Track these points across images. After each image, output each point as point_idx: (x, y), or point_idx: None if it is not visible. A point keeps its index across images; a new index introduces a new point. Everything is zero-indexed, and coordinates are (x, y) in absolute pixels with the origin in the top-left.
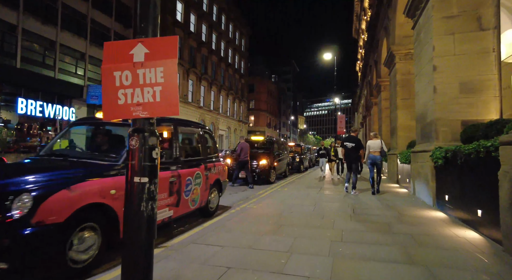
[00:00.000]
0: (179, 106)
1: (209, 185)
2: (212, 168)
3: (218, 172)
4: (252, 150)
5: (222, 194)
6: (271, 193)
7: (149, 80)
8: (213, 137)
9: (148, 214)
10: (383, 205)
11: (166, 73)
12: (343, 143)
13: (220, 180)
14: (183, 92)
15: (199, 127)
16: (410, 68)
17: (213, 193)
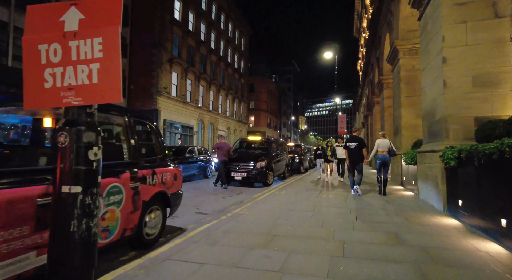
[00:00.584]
0: (121, 90)
1: (141, 203)
2: (148, 176)
3: (161, 182)
4: (249, 150)
5: (173, 211)
6: (268, 196)
7: (84, 56)
8: (155, 131)
9: (81, 235)
10: (388, 210)
11: (106, 46)
12: (346, 144)
13: (166, 193)
14: (181, 92)
15: (125, 114)
16: (415, 64)
17: (152, 213)
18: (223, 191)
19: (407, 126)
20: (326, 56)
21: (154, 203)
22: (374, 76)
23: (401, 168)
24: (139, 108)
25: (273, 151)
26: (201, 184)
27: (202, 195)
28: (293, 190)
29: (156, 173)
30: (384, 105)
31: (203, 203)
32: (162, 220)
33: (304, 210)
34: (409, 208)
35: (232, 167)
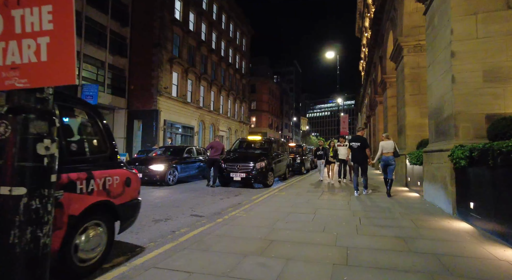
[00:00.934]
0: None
1: (65, 219)
2: (79, 182)
3: (103, 189)
4: (249, 151)
5: (126, 226)
6: (267, 198)
7: (31, 28)
8: (97, 120)
9: (25, 248)
10: (393, 213)
11: (57, 16)
12: (350, 144)
13: (111, 204)
14: (181, 92)
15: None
16: (420, 61)
17: (89, 231)
18: (221, 192)
19: (412, 125)
20: (328, 56)
21: (92, 217)
22: (377, 76)
23: (405, 168)
24: (139, 108)
25: (274, 151)
26: (199, 184)
27: (200, 196)
28: (293, 191)
29: (93, 177)
30: (387, 104)
31: (199, 205)
32: (106, 239)
33: (305, 213)
34: (416, 210)
35: (231, 167)
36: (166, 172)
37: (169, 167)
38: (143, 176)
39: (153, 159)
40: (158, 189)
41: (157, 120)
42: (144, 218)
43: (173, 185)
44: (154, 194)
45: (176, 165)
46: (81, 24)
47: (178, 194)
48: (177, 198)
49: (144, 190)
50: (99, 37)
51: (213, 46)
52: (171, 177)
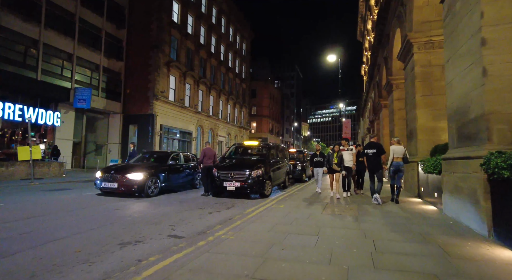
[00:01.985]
0: None
1: None
2: None
3: None
4: (244, 157)
5: None
6: (262, 212)
7: None
8: None
9: None
10: (414, 233)
11: None
12: (364, 151)
13: None
14: (179, 96)
15: None
16: (432, 58)
17: None
18: (212, 204)
19: (424, 129)
20: (330, 59)
21: None
22: (381, 78)
23: (417, 177)
24: (135, 113)
25: (272, 157)
26: (188, 195)
27: (186, 209)
28: (293, 203)
29: None
30: (393, 108)
31: (182, 221)
32: None
33: (306, 233)
34: (439, 229)
35: (224, 175)
36: (146, 181)
37: (150, 175)
38: (119, 186)
39: (131, 167)
40: (137, 201)
41: (153, 125)
42: (109, 240)
43: (155, 196)
44: (131, 208)
45: (158, 173)
46: (75, 26)
47: (160, 207)
48: (159, 212)
49: (120, 203)
50: (93, 40)
51: (212, 49)
52: (152, 187)
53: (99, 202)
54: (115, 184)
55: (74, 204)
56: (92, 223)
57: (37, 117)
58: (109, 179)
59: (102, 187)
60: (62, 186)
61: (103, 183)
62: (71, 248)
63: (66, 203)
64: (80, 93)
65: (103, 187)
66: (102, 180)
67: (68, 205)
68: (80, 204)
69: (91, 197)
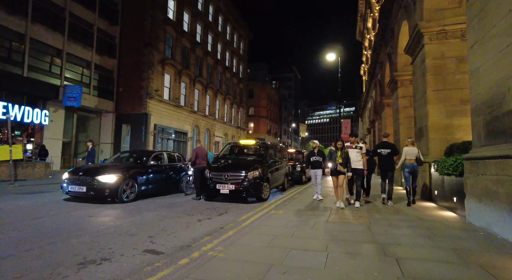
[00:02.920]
0: None
1: None
2: None
3: None
4: (240, 157)
5: None
6: (259, 220)
7: None
8: None
9: None
10: (445, 250)
11: None
12: (377, 150)
13: None
14: (174, 95)
15: None
16: (445, 50)
17: None
18: (202, 209)
19: (436, 127)
20: (329, 58)
21: None
22: (384, 76)
23: (429, 179)
24: (128, 112)
25: (270, 157)
26: (173, 199)
27: (171, 216)
28: (294, 208)
29: None
30: (398, 106)
31: (164, 232)
32: None
33: (312, 249)
34: (473, 244)
35: (217, 177)
36: (120, 185)
37: (125, 177)
38: (88, 189)
39: (103, 168)
40: (114, 207)
41: (147, 125)
42: (68, 258)
43: (132, 201)
44: (105, 215)
45: (136, 175)
46: (64, 21)
47: (141, 213)
48: (138, 220)
49: (94, 209)
50: (85, 36)
51: (209, 48)
52: (128, 191)
53: (72, 208)
54: (83, 187)
55: (43, 210)
56: (55, 235)
57: (23, 116)
58: (77, 182)
59: (69, 191)
60: (43, 188)
61: (70, 186)
62: (10, 272)
63: (35, 209)
64: (70, 91)
65: (69, 191)
66: (69, 183)
67: (36, 212)
68: (49, 211)
69: (64, 202)
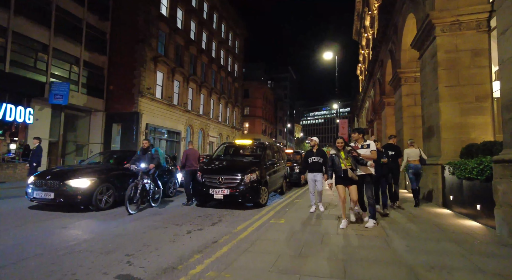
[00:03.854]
0: None
1: None
2: None
3: None
4: (236, 158)
5: None
6: (258, 231)
7: None
8: None
9: None
10: (492, 275)
11: None
12: (387, 152)
13: None
14: (167, 94)
15: None
16: (459, 42)
17: None
18: (193, 217)
19: (449, 126)
20: (326, 57)
21: None
22: (385, 74)
23: (442, 182)
24: (118, 110)
25: (268, 159)
26: (161, 205)
27: (156, 226)
28: (296, 216)
29: None
30: (401, 104)
31: (146, 248)
32: None
33: (328, 276)
34: None
35: (211, 181)
36: (95, 190)
37: (101, 181)
38: (56, 196)
39: (76, 171)
40: (87, 216)
41: (138, 124)
42: None
43: (110, 209)
44: (75, 227)
45: (114, 179)
46: (51, 15)
47: (120, 223)
48: (116, 232)
49: (61, 220)
50: (73, 31)
51: (203, 46)
52: (104, 197)
53: (40, 218)
54: (50, 193)
55: (5, 221)
56: (9, 255)
57: (5, 114)
58: (44, 187)
59: (34, 198)
60: (21, 191)
61: (36, 192)
62: None
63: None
64: (56, 88)
65: (35, 197)
66: (34, 188)
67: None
68: (12, 221)
69: (32, 212)
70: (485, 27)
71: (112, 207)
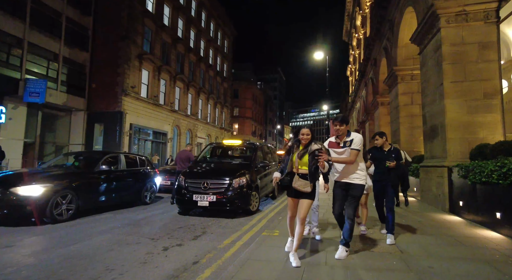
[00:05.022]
0: None
1: None
2: None
3: None
4: (223, 160)
5: None
6: (249, 249)
7: None
8: None
9: None
10: None
11: None
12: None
13: None
14: (152, 93)
15: None
16: (465, 35)
17: None
18: (173, 228)
19: (456, 125)
20: (317, 56)
21: None
22: (378, 73)
23: (448, 186)
24: (101, 110)
25: (260, 161)
26: (135, 214)
27: (127, 241)
28: None
29: None
30: (398, 104)
31: (109, 272)
32: None
33: None
34: None
35: (194, 186)
36: (50, 198)
37: (58, 188)
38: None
39: (26, 176)
40: (40, 231)
41: (122, 124)
42: None
43: (71, 220)
44: (22, 246)
45: (76, 185)
46: (25, 7)
47: (81, 239)
48: (72, 251)
49: (7, 237)
50: (51, 25)
51: (191, 44)
52: (63, 207)
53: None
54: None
55: None
56: None
57: None
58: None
59: None
60: None
61: None
62: None
63: None
64: (32, 85)
65: None
66: None
67: None
68: None
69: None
70: (494, 18)
71: (73, 219)
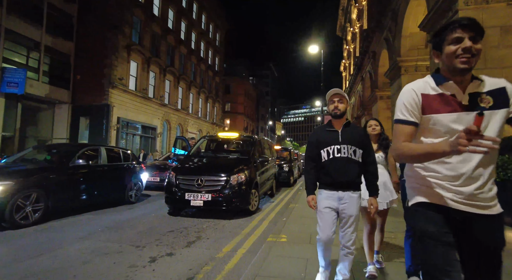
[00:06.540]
0: None
1: None
2: None
3: None
4: (219, 155)
5: None
6: (253, 257)
7: None
8: None
9: None
10: None
11: None
12: None
13: None
14: (141, 86)
15: None
16: (485, 17)
17: None
18: (162, 232)
19: None
20: (311, 50)
21: None
22: (378, 66)
23: None
24: (87, 103)
25: (259, 155)
26: (119, 215)
27: (107, 250)
28: (300, 230)
29: None
30: None
31: None
32: None
33: None
34: None
35: (187, 183)
36: (9, 200)
37: (19, 187)
38: None
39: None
40: (5, 238)
41: (108, 118)
42: None
43: (38, 224)
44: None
45: (45, 183)
46: None
47: (51, 248)
48: (38, 264)
49: None
50: (32, 12)
51: (182, 36)
52: (27, 209)
53: None
54: None
55: None
56: None
57: None
58: None
59: None
60: None
61: None
62: None
63: None
64: (10, 74)
65: None
66: None
67: None
68: None
69: None
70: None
71: (45, 221)
